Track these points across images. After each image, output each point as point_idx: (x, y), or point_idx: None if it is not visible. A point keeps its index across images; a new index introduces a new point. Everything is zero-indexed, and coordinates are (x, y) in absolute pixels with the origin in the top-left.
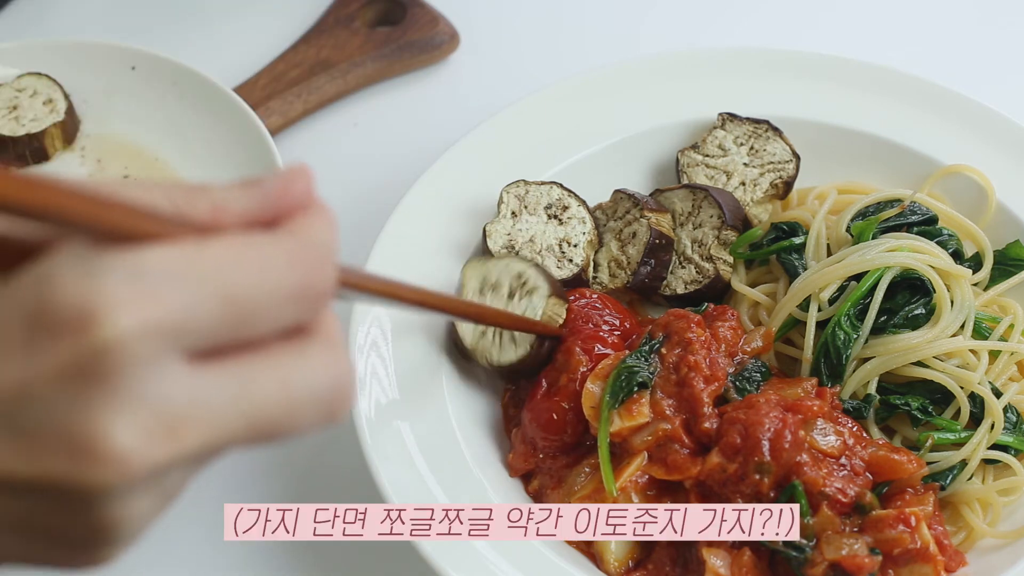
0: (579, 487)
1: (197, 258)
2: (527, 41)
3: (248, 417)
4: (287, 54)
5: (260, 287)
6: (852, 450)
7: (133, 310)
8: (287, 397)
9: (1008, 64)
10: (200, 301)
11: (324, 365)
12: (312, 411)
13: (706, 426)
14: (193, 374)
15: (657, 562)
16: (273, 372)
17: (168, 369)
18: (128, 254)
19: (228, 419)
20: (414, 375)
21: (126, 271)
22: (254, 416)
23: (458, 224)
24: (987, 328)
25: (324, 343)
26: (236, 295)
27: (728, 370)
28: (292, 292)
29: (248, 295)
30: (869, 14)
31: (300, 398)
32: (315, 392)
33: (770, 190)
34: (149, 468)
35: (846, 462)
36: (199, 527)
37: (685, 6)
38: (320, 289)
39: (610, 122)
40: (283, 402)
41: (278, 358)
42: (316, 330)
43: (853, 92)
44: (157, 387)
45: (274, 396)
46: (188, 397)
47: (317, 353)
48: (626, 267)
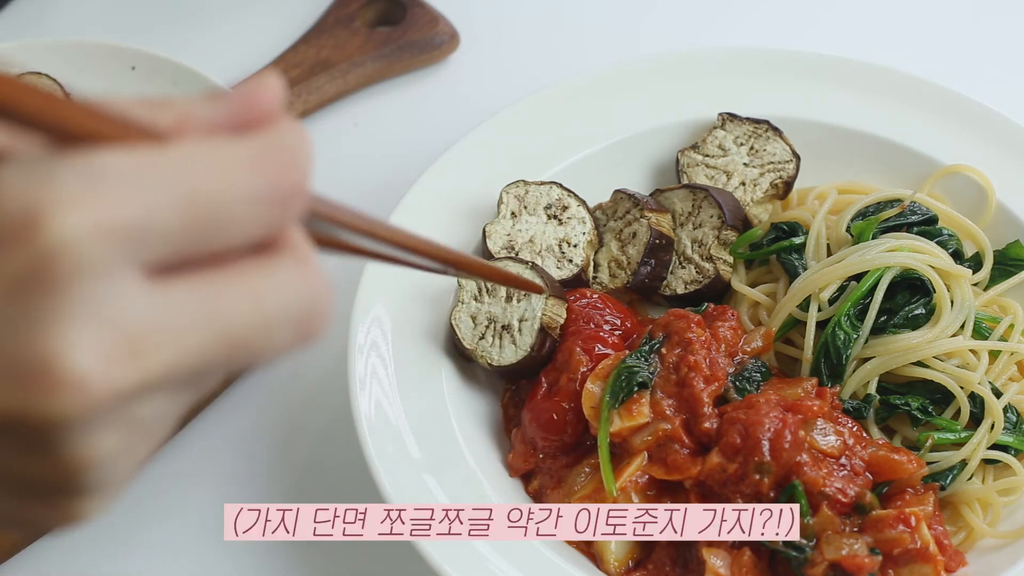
0: (579, 487)
1: (158, 160)
2: (527, 41)
3: (218, 336)
4: (287, 54)
5: (225, 190)
6: (852, 450)
7: (84, 209)
8: (259, 314)
9: (1008, 64)
10: (160, 204)
11: (297, 281)
12: (287, 329)
13: (706, 426)
14: (155, 290)
15: (657, 562)
16: (243, 287)
17: (127, 282)
18: (83, 155)
19: (196, 339)
20: (414, 375)
21: (79, 171)
22: (224, 335)
23: (458, 224)
24: (987, 328)
25: (295, 259)
26: (199, 199)
27: (728, 370)
28: (259, 194)
29: (212, 199)
30: (869, 14)
31: (273, 315)
32: (289, 308)
33: (770, 190)
34: (111, 394)
35: (846, 462)
36: (199, 527)
37: (685, 6)
38: (289, 192)
39: (610, 122)
40: (255, 319)
41: (247, 273)
42: (286, 246)
43: (853, 92)
44: (115, 301)
45: (245, 313)
46: (150, 314)
47: (289, 269)
48: (626, 267)
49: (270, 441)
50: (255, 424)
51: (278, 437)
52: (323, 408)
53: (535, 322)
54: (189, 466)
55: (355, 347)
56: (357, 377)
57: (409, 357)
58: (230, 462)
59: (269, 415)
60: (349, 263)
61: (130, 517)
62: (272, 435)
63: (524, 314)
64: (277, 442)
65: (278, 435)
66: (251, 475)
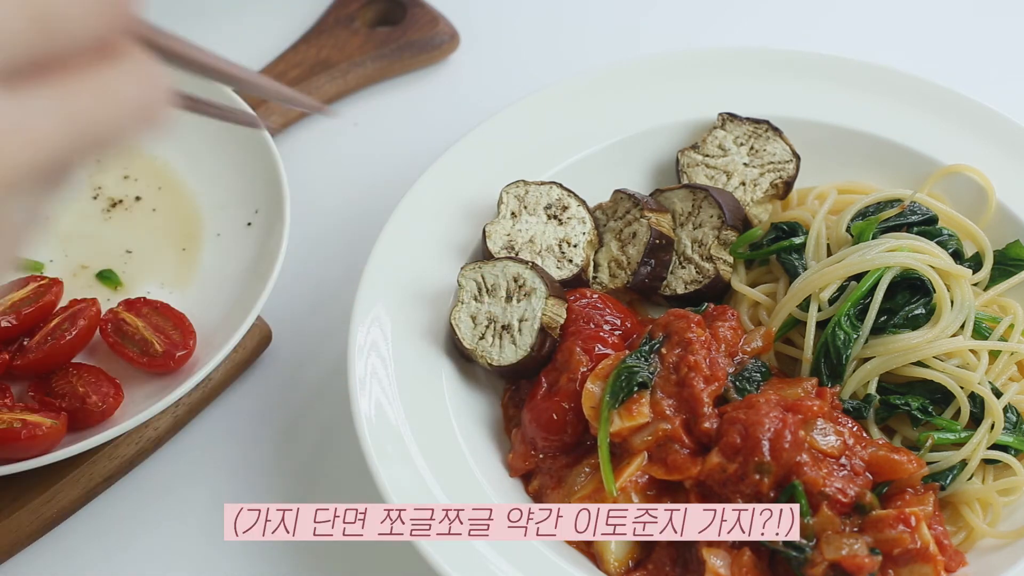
0: (579, 487)
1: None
2: (527, 41)
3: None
4: (287, 54)
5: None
6: (852, 450)
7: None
8: (106, 105)
9: (1008, 64)
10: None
11: (137, 75)
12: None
13: (706, 426)
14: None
15: (657, 562)
16: (89, 84)
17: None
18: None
19: (49, 133)
20: (414, 375)
21: None
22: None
23: (458, 224)
24: (987, 328)
25: (134, 60)
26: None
27: (728, 370)
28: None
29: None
30: (869, 14)
31: (119, 105)
32: (132, 98)
33: (770, 190)
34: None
35: (846, 462)
36: (199, 527)
37: (685, 6)
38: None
39: (610, 122)
40: (103, 110)
41: (92, 73)
42: (125, 51)
43: (853, 92)
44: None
45: (93, 106)
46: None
47: (129, 66)
48: (626, 267)
49: (270, 441)
50: (255, 424)
51: (278, 437)
52: (323, 408)
53: (535, 322)
54: (189, 466)
55: (355, 347)
56: (357, 377)
57: (409, 357)
58: (230, 462)
59: (269, 415)
60: (349, 263)
61: (131, 517)
62: (272, 435)
63: (524, 314)
64: (277, 442)
65: (278, 435)
66: (251, 475)
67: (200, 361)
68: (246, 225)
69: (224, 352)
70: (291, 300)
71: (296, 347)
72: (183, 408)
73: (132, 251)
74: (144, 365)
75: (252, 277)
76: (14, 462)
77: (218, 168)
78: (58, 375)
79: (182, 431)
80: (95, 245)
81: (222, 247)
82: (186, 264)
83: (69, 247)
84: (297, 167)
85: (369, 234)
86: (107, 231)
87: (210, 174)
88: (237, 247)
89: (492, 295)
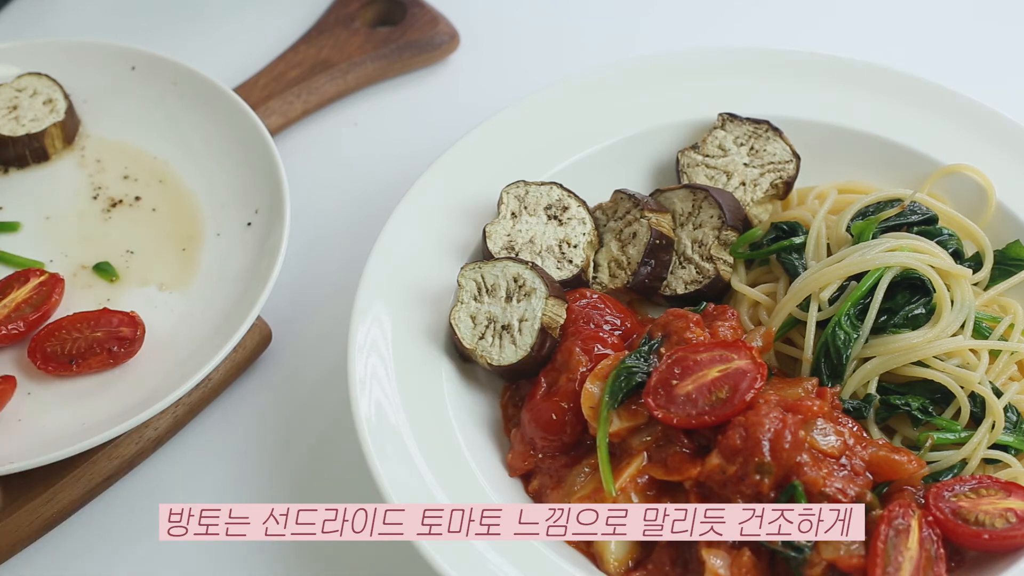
0: (579, 487)
1: None
2: (527, 41)
3: None
4: (287, 54)
5: None
6: (852, 450)
7: None
8: None
9: (1008, 64)
10: None
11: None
12: None
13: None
14: None
15: (657, 562)
16: None
17: None
18: None
19: None
20: (414, 375)
21: None
22: None
23: (458, 224)
24: (987, 328)
25: None
26: None
27: None
28: None
29: None
30: (869, 14)
31: None
32: None
33: (770, 190)
34: None
35: (846, 462)
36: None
37: (685, 6)
38: None
39: (610, 122)
40: None
41: None
42: None
43: (853, 92)
44: None
45: None
46: None
47: None
48: (626, 267)
49: (270, 441)
50: (255, 424)
51: (278, 437)
52: (323, 408)
53: (535, 322)
54: (189, 466)
55: (355, 347)
56: (357, 377)
57: (409, 357)
58: (230, 462)
59: (269, 415)
60: (349, 263)
61: (130, 517)
62: (272, 435)
63: (524, 314)
64: (277, 442)
65: (278, 435)
66: (251, 475)
67: (200, 361)
68: (246, 225)
69: (224, 352)
70: (291, 300)
71: (296, 347)
72: (183, 408)
73: (133, 251)
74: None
75: (252, 277)
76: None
77: (218, 168)
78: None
79: (182, 431)
80: (95, 245)
81: (222, 247)
82: (186, 264)
83: (69, 247)
84: (297, 167)
85: (369, 234)
86: (107, 231)
87: (210, 174)
88: (237, 247)
89: (492, 295)
